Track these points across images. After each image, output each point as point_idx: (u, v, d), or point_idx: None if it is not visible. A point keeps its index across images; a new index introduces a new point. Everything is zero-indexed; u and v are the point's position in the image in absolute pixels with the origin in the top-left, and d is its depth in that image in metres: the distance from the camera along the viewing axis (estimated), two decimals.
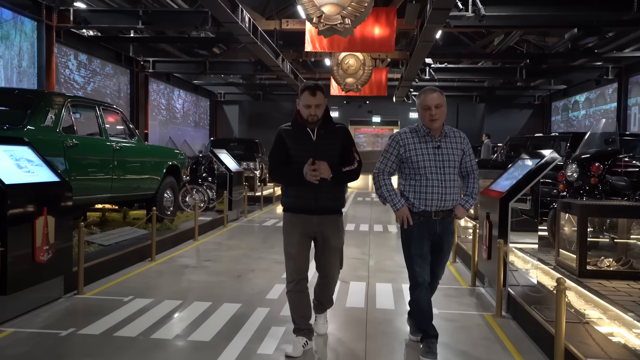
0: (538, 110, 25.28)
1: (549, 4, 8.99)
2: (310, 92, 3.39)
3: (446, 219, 3.48)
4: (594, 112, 19.17)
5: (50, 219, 4.40)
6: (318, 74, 23.16)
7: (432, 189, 3.41)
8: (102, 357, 3.41)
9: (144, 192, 7.78)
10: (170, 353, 3.51)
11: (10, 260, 3.94)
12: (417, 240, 3.46)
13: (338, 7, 9.80)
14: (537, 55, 16.03)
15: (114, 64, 15.63)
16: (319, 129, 3.45)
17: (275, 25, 14.20)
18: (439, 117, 3.40)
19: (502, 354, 3.62)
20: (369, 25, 13.45)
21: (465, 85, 22.75)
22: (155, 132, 19.33)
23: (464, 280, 5.76)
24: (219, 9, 8.73)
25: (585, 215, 5.17)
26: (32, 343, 3.61)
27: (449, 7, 8.24)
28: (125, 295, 4.83)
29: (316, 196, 3.42)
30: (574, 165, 6.56)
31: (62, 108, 6.03)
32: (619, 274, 5.11)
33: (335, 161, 3.41)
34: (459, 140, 3.51)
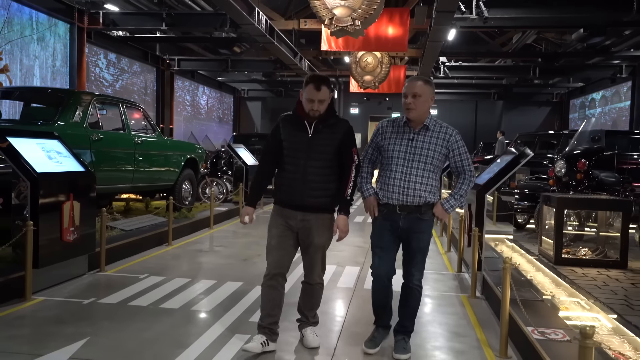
0: (556, 107, 25.17)
1: (551, 6, 9.23)
2: (314, 85, 3.17)
3: (412, 215, 3.25)
4: (609, 109, 19.12)
5: (76, 204, 4.98)
6: (339, 71, 23.55)
7: (395, 181, 3.25)
8: (117, 320, 3.95)
9: (163, 183, 8.37)
10: (175, 318, 4.04)
11: (41, 238, 4.53)
12: (378, 231, 3.37)
13: (349, 10, 10.21)
14: (550, 54, 16.13)
15: (141, 62, 16.34)
16: (317, 124, 3.24)
17: (294, 25, 14.64)
18: (415, 107, 3.19)
19: (466, 326, 4.04)
20: (383, 25, 13.82)
21: (483, 83, 22.85)
22: (180, 127, 20.03)
23: (452, 267, 6.16)
24: (235, 11, 9.24)
25: (562, 207, 5.52)
26: (58, 308, 4.18)
27: (452, 9, 8.57)
28: (141, 273, 5.40)
29: (302, 192, 3.24)
30: (562, 161, 6.88)
31: (89, 105, 6.62)
32: (592, 262, 5.46)
33: (327, 160, 3.25)
34: (443, 137, 3.26)
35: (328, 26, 10.21)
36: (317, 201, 3.27)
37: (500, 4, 9.12)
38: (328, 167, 3.27)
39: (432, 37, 10.62)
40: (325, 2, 9.93)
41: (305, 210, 3.28)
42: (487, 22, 9.33)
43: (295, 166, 3.25)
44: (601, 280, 4.94)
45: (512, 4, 9.16)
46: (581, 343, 1.97)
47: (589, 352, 1.96)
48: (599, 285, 4.74)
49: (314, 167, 3.23)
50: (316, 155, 3.23)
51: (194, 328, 3.83)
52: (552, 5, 9.27)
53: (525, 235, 7.84)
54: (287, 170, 3.30)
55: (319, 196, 3.27)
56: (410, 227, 3.28)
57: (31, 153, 4.77)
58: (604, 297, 4.29)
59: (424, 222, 3.29)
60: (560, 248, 5.50)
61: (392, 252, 3.37)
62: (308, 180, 3.23)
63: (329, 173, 3.29)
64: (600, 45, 14.65)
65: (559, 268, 5.36)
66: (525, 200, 7.47)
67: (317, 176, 3.24)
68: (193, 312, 4.22)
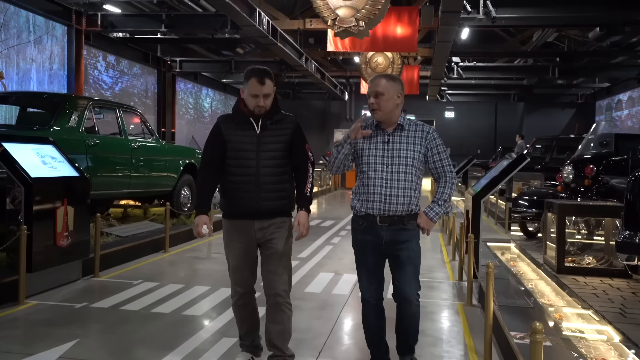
0: (581, 109, 25.26)
1: (562, 5, 9.45)
2: (257, 79, 3.08)
3: (395, 226, 3.11)
4: (636, 111, 19.20)
5: (70, 209, 5.31)
6: (349, 71, 23.87)
7: (374, 188, 3.10)
8: (107, 323, 4.26)
9: (161, 189, 8.71)
10: (165, 322, 4.34)
11: (35, 243, 4.86)
12: (360, 248, 3.23)
13: (352, 10, 10.52)
14: (570, 53, 16.30)
15: (142, 64, 16.80)
16: (264, 120, 3.17)
17: (299, 25, 14.98)
18: (379, 108, 3.09)
19: (456, 333, 4.28)
20: (391, 24, 14.10)
21: (502, 84, 23.03)
22: (182, 131, 20.46)
23: (454, 276, 6.39)
24: (235, 12, 9.59)
25: (563, 214, 5.73)
26: (51, 312, 4.50)
27: (458, 9, 8.84)
28: (135, 279, 5.71)
29: (257, 196, 3.13)
30: (570, 167, 7.09)
31: (84, 110, 6.98)
32: (596, 270, 5.65)
33: (279, 159, 3.19)
34: (420, 135, 3.15)
35: (331, 27, 10.53)
36: (274, 204, 3.17)
37: (509, 3, 9.37)
38: (280, 166, 3.19)
39: (440, 37, 10.90)
40: (328, 2, 10.26)
41: (262, 217, 3.17)
42: (495, 22, 9.58)
43: (245, 168, 3.14)
44: (601, 289, 5.14)
45: (521, 3, 9.40)
46: (531, 338, 2.22)
47: (539, 346, 2.21)
48: (597, 294, 4.95)
49: (267, 167, 3.14)
50: (267, 154, 3.15)
51: (183, 331, 4.12)
52: (563, 5, 9.50)
53: (535, 243, 8.04)
54: (235, 175, 3.16)
55: (275, 198, 3.17)
56: (394, 238, 3.13)
57: (26, 158, 5.11)
58: (599, 305, 4.50)
59: (409, 232, 3.16)
60: (563, 256, 5.70)
61: (380, 272, 3.23)
62: (262, 182, 3.12)
63: (282, 172, 3.21)
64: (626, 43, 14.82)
65: (561, 277, 5.56)
66: (533, 208, 7.67)
67: (272, 177, 3.15)
68: (184, 316, 4.51)
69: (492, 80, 21.58)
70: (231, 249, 3.25)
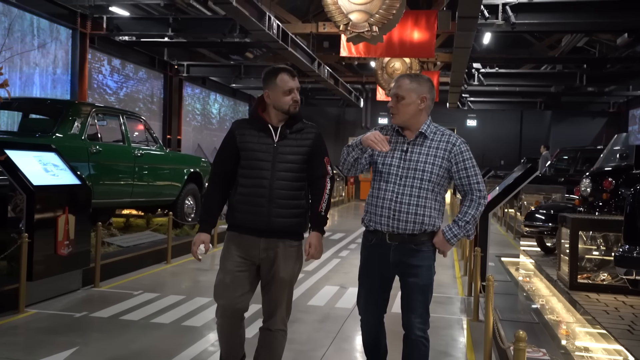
0: (613, 118, 25.20)
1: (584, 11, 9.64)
2: (288, 73, 3.07)
3: (405, 246, 2.96)
4: None
5: (71, 217, 5.62)
6: (365, 77, 24.18)
7: (384, 202, 2.96)
8: (107, 332, 4.54)
9: (164, 198, 9.02)
10: (164, 332, 4.60)
11: (36, 251, 5.16)
12: (365, 267, 3.12)
13: (366, 15, 10.80)
14: (598, 59, 16.40)
15: (148, 68, 17.24)
16: (283, 128, 3.10)
17: (312, 28, 15.32)
18: (397, 113, 2.99)
19: (458, 348, 4.49)
20: (408, 28, 14.37)
21: (528, 91, 23.13)
22: (189, 138, 20.85)
23: (464, 291, 6.58)
24: (243, 17, 9.93)
25: (577, 229, 5.91)
26: (51, 320, 4.80)
27: (475, 15, 9.08)
28: (135, 290, 5.99)
29: (268, 211, 3.03)
30: (588, 180, 7.26)
31: (87, 117, 7.32)
32: (610, 287, 5.82)
33: (297, 172, 3.09)
34: (445, 146, 2.97)
35: (344, 32, 10.81)
36: (286, 222, 3.06)
37: (530, 8, 9.59)
38: (297, 180, 3.09)
39: (458, 43, 11.14)
40: (340, 6, 10.55)
41: (270, 235, 3.06)
42: (515, 28, 9.80)
43: (258, 180, 3.04)
44: (613, 306, 5.30)
45: (542, 9, 9.61)
46: (515, 346, 2.44)
47: (522, 354, 2.43)
48: (608, 311, 5.12)
49: (283, 180, 3.04)
50: (284, 166, 3.05)
51: (182, 341, 4.38)
52: (586, 10, 9.69)
53: (552, 259, 8.19)
54: (247, 186, 3.07)
55: (288, 216, 3.06)
56: (403, 260, 2.97)
57: (28, 166, 5.44)
58: (607, 322, 4.68)
59: (421, 254, 2.97)
60: (576, 272, 5.87)
61: (380, 296, 3.12)
62: (275, 196, 3.02)
63: (299, 187, 3.10)
64: None
65: (573, 293, 5.74)
66: (550, 222, 7.84)
67: (287, 191, 3.05)
68: (183, 327, 4.77)
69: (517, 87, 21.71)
70: (226, 264, 3.11)
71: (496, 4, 9.71)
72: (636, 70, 17.10)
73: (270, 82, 3.07)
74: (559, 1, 10.07)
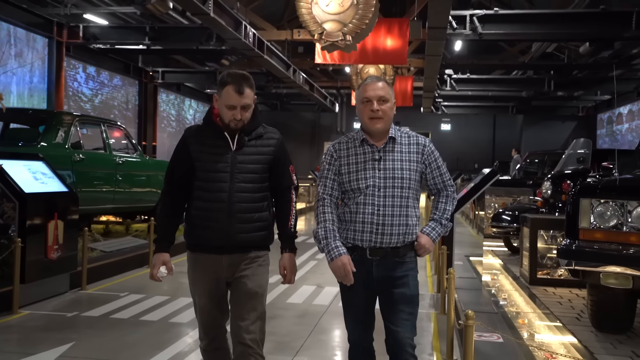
0: (582, 122, 26.21)
1: (547, 22, 10.32)
2: (235, 87, 2.76)
3: (388, 260, 2.83)
4: (636, 125, 20.13)
5: (60, 223, 6.00)
6: (340, 82, 24.74)
7: (364, 216, 2.80)
8: (99, 329, 4.94)
9: (145, 204, 9.41)
10: (153, 328, 5.02)
11: (28, 255, 5.54)
12: (347, 288, 2.87)
13: (339, 24, 11.32)
14: (564, 66, 17.22)
15: (122, 75, 17.56)
16: (242, 135, 2.87)
17: (287, 35, 15.82)
18: (383, 116, 2.81)
19: (425, 336, 5.00)
20: (381, 36, 14.95)
21: (500, 95, 23.96)
22: (164, 144, 21.17)
23: (433, 288, 7.11)
24: (220, 26, 10.37)
25: (536, 228, 6.49)
26: (44, 320, 5.18)
27: (444, 26, 9.67)
28: (121, 292, 6.39)
29: (229, 227, 2.81)
30: (548, 182, 7.87)
31: (70, 126, 7.69)
32: (566, 282, 6.39)
33: (258, 182, 2.89)
34: (416, 149, 2.87)
35: (318, 41, 11.32)
36: (250, 237, 2.87)
37: (495, 19, 10.23)
38: (259, 190, 2.89)
39: (429, 51, 11.73)
40: (315, 16, 11.06)
41: (232, 251, 2.86)
42: (482, 37, 10.43)
43: (216, 193, 2.82)
44: (567, 298, 5.88)
45: (507, 20, 10.26)
46: (465, 323, 2.94)
47: (470, 330, 2.93)
48: (562, 302, 5.69)
49: (243, 192, 2.84)
50: (244, 177, 2.84)
51: (170, 335, 4.81)
52: (550, 21, 10.37)
53: (517, 258, 8.79)
54: (204, 200, 2.85)
55: (252, 230, 2.86)
56: (387, 274, 2.84)
57: (19, 174, 5.81)
58: (558, 312, 5.24)
59: (405, 265, 2.88)
60: (535, 269, 6.45)
61: (370, 312, 2.95)
62: (236, 210, 2.81)
63: (261, 199, 2.91)
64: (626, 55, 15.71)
65: (532, 288, 6.31)
66: (515, 223, 8.42)
67: (248, 204, 2.85)
68: (171, 323, 5.20)
69: (489, 92, 22.51)
70: (197, 287, 2.94)
71: (464, 15, 10.33)
72: (602, 76, 17.98)
73: (219, 89, 2.83)
74: (523, 13, 10.78)
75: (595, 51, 12.21)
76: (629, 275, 3.89)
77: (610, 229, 4.08)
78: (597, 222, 4.16)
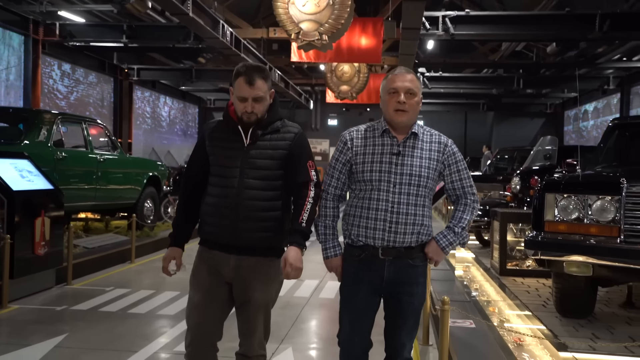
0: (551, 119, 26.87)
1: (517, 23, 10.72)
2: (246, 78, 2.68)
3: (401, 261, 2.69)
4: (601, 122, 20.78)
5: (47, 220, 6.13)
6: (314, 79, 24.97)
7: (377, 213, 2.66)
8: (90, 321, 5.11)
9: (125, 202, 9.52)
10: (142, 320, 5.21)
11: (16, 251, 5.66)
12: (351, 287, 2.75)
13: (316, 24, 11.54)
14: (533, 65, 17.73)
15: (98, 72, 17.50)
16: (256, 130, 2.76)
17: (263, 34, 15.97)
18: (409, 110, 2.69)
19: None
20: (356, 35, 15.24)
21: (471, 93, 24.45)
22: (140, 141, 21.12)
23: None
24: (198, 26, 10.50)
25: (505, 222, 6.83)
26: (35, 314, 5.32)
27: (417, 27, 9.97)
28: (107, 286, 6.55)
29: (234, 225, 2.72)
30: (517, 178, 8.23)
31: (52, 124, 7.78)
32: (534, 272, 6.76)
33: (270, 179, 2.76)
34: (437, 148, 2.75)
35: (295, 40, 11.53)
36: (256, 237, 2.74)
37: (467, 20, 10.58)
38: (271, 188, 2.76)
39: (402, 50, 12.03)
40: (292, 16, 11.26)
41: (240, 252, 2.75)
42: (454, 37, 10.77)
43: (225, 188, 2.74)
44: (534, 287, 6.23)
45: (478, 21, 10.62)
46: (441, 308, 3.21)
47: (446, 314, 3.21)
48: (529, 291, 6.04)
49: (252, 189, 2.73)
50: (254, 172, 2.73)
51: (158, 326, 5.01)
52: (519, 22, 10.76)
53: (488, 251, 9.16)
54: (214, 196, 2.79)
55: (258, 230, 2.73)
56: (398, 278, 2.69)
57: (6, 172, 5.92)
58: (526, 300, 5.58)
59: (417, 270, 2.73)
60: (504, 260, 6.80)
61: (369, 317, 2.78)
62: (242, 207, 2.71)
63: (273, 197, 2.77)
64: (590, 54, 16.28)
65: (502, 278, 6.66)
66: (486, 217, 8.77)
67: (257, 201, 2.72)
68: (158, 315, 5.39)
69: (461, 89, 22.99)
70: (196, 282, 2.84)
71: (436, 16, 10.66)
72: (568, 75, 18.55)
73: (233, 81, 2.75)
74: (493, 14, 11.17)
75: (561, 51, 12.67)
76: (590, 264, 4.22)
77: (573, 221, 4.40)
78: (560, 215, 4.48)
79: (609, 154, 5.63)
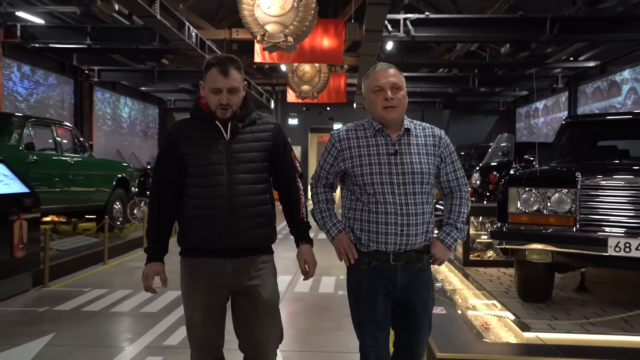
0: (503, 116, 27.74)
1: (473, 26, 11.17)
2: (220, 69, 2.52)
3: (413, 265, 2.60)
4: (550, 119, 21.63)
5: (24, 223, 6.16)
6: (275, 79, 25.11)
7: (387, 217, 2.55)
8: (75, 321, 5.20)
9: (95, 203, 9.53)
10: (126, 318, 5.33)
11: None
12: (367, 297, 2.61)
13: (281, 26, 11.73)
14: (486, 65, 18.35)
15: (58, 73, 17.22)
16: (234, 123, 2.60)
17: (225, 34, 16.06)
18: (398, 104, 2.59)
19: None
20: (318, 36, 15.50)
21: (428, 91, 25.05)
22: (101, 143, 20.85)
23: None
24: (165, 28, 10.55)
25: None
26: (18, 315, 5.38)
27: (380, 29, 10.27)
28: (84, 287, 6.61)
29: (231, 225, 2.55)
30: (477, 174, 8.63)
31: (23, 128, 7.76)
32: (495, 262, 7.14)
33: (258, 172, 2.63)
34: (432, 141, 2.67)
35: (260, 42, 11.70)
36: (255, 235, 2.61)
37: (427, 23, 10.96)
38: (260, 181, 2.64)
39: (364, 51, 12.35)
40: (257, 17, 11.42)
41: (237, 254, 2.60)
42: (415, 39, 11.13)
43: (214, 188, 2.56)
44: (496, 276, 6.61)
45: (437, 23, 11.02)
46: None
47: None
48: (492, 280, 6.41)
49: (243, 184, 2.58)
50: (242, 167, 2.58)
51: (145, 323, 5.13)
52: (475, 25, 11.21)
53: None
54: (199, 198, 2.59)
55: (255, 227, 2.61)
56: (411, 285, 2.60)
57: None
58: (489, 287, 5.94)
59: (426, 274, 2.68)
60: (468, 252, 7.16)
61: (388, 326, 2.68)
62: (237, 204, 2.56)
63: (263, 190, 2.66)
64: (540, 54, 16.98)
65: (466, 268, 7.01)
66: None
67: (250, 196, 2.59)
68: (142, 313, 5.52)
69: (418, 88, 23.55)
70: (193, 299, 2.63)
71: (398, 18, 10.99)
72: (520, 74, 19.28)
73: (204, 73, 2.59)
74: (452, 17, 11.59)
75: (514, 52, 13.21)
76: (549, 251, 4.58)
77: (534, 213, 4.75)
78: (522, 207, 4.82)
79: (563, 150, 6.03)
